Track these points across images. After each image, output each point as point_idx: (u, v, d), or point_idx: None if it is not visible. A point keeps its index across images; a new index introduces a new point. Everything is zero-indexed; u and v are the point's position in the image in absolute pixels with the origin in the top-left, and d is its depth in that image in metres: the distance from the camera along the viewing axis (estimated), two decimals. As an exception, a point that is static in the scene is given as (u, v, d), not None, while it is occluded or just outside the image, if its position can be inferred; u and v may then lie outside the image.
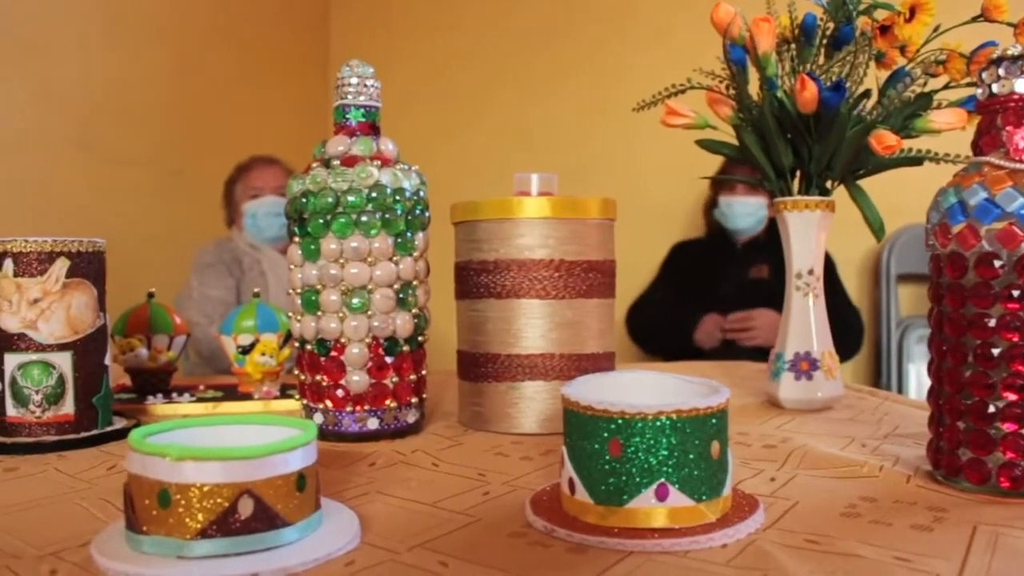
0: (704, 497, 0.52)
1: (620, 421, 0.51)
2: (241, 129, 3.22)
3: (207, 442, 0.52)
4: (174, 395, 0.99)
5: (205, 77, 3.14)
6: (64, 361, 0.80)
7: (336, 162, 0.78)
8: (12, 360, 0.79)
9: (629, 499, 0.51)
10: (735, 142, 0.98)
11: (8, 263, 0.79)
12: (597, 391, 0.57)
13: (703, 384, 0.59)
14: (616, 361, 0.89)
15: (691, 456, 0.51)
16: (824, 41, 0.93)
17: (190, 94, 3.08)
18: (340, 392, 0.77)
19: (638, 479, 0.51)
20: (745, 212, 2.47)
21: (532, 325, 0.81)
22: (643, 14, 3.09)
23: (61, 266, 0.79)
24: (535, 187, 0.87)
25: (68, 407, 0.80)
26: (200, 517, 0.46)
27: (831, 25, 0.92)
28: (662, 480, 0.51)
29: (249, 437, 0.54)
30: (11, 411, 0.80)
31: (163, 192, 2.95)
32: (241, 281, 2.37)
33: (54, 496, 0.64)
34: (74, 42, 2.69)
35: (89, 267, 0.82)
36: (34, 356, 0.79)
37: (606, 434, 0.51)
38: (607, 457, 0.51)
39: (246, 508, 0.47)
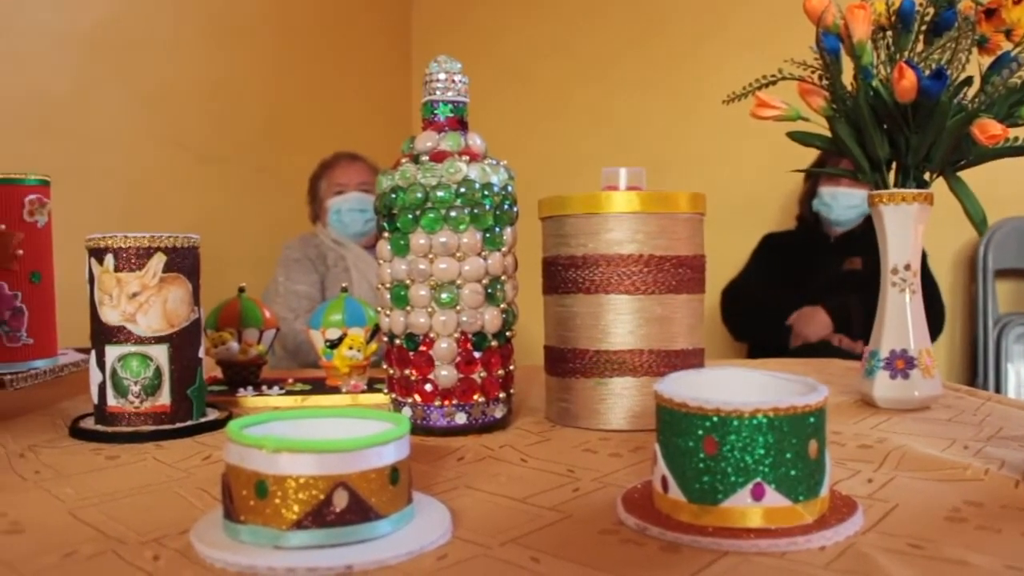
0: (801, 497, 0.50)
1: (715, 419, 0.50)
2: (325, 126, 3.28)
3: (302, 434, 0.53)
4: (264, 388, 1.01)
5: (291, 76, 3.20)
6: (161, 353, 0.82)
7: (425, 157, 0.78)
8: (112, 352, 0.82)
9: (724, 498, 0.50)
10: (828, 134, 0.95)
11: (109, 258, 0.81)
12: (691, 388, 0.56)
13: (799, 382, 0.57)
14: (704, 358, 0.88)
15: (788, 455, 0.50)
16: (923, 27, 0.89)
17: (277, 93, 3.14)
18: (428, 386, 0.78)
19: (733, 478, 0.50)
20: (849, 204, 2.41)
21: (621, 321, 0.81)
22: (730, 5, 3.04)
23: (158, 261, 0.81)
24: (623, 181, 0.86)
25: (164, 398, 0.82)
26: (296, 508, 0.47)
27: (931, 10, 0.89)
28: (758, 479, 0.50)
29: (343, 430, 0.54)
30: (111, 401, 0.82)
31: (250, 189, 3.02)
32: (326, 276, 2.41)
33: (154, 484, 0.65)
34: (169, 45, 2.77)
35: (184, 262, 0.84)
36: (133, 348, 0.81)
37: (701, 432, 0.50)
38: (701, 455, 0.50)
39: (341, 500, 0.47)
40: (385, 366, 0.83)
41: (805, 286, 2.43)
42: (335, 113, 3.36)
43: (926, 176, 0.92)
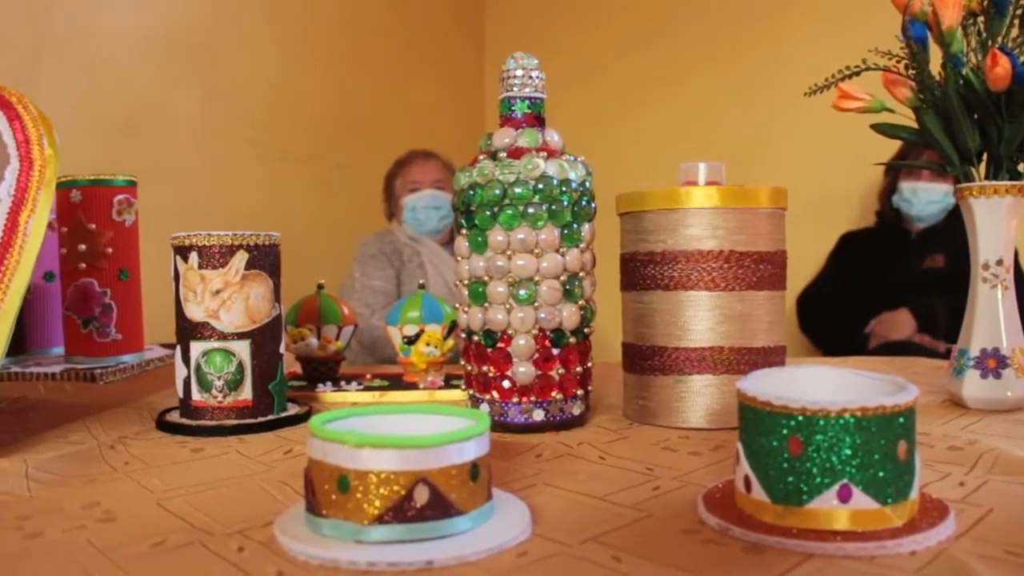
0: (890, 500, 0.49)
1: (801, 418, 0.49)
2: (400, 124, 3.31)
3: (383, 430, 0.53)
4: (342, 383, 1.02)
5: (366, 76, 3.23)
6: (243, 349, 0.84)
7: (503, 154, 0.78)
8: (197, 348, 0.83)
9: (809, 499, 0.49)
10: (914, 125, 0.92)
11: (193, 256, 0.83)
12: (775, 386, 0.55)
13: (886, 381, 0.56)
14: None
15: (876, 456, 0.48)
16: (1018, 11, 0.86)
17: (351, 92, 3.18)
18: (506, 383, 0.78)
19: (819, 479, 0.49)
20: (930, 199, 2.35)
21: (700, 317, 0.80)
22: (808, -4, 2.99)
23: (241, 258, 0.83)
24: (702, 176, 0.85)
25: (247, 393, 0.84)
26: (377, 503, 0.47)
27: (1026, -6, 0.85)
28: (845, 481, 0.48)
29: (423, 426, 0.55)
30: (196, 395, 0.84)
31: (327, 187, 3.07)
32: (401, 272, 2.44)
33: (237, 477, 0.67)
34: (247, 46, 2.82)
35: (266, 259, 0.85)
36: (216, 344, 0.83)
37: (785, 431, 0.49)
38: (786, 455, 0.49)
39: (422, 496, 0.48)
40: (463, 362, 0.83)
41: (885, 285, 2.37)
42: (410, 111, 3.39)
43: (1020, 167, 0.88)
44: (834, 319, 2.47)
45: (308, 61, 3.03)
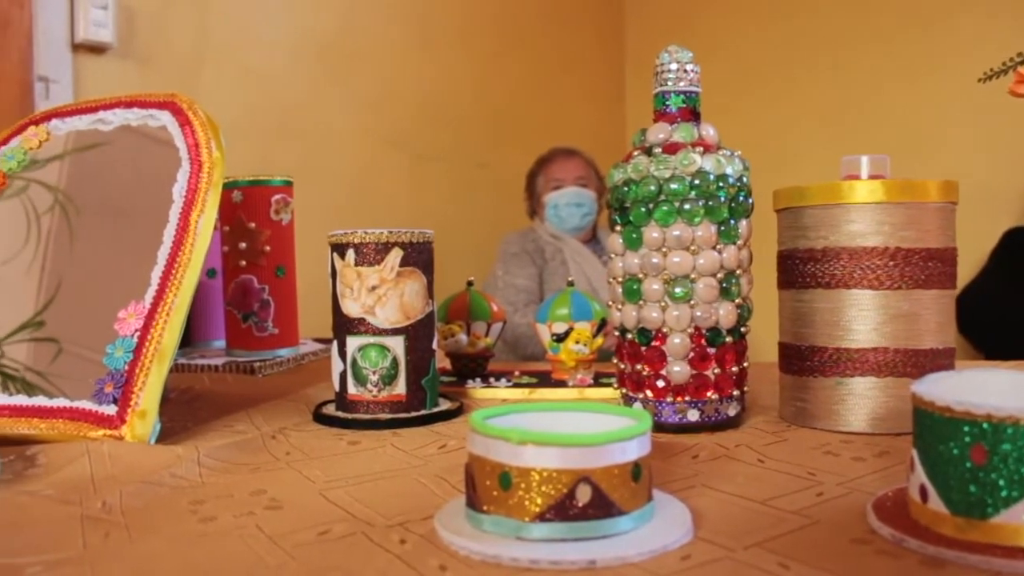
0: (1089, 516, 0.45)
1: (986, 425, 0.46)
2: (541, 123, 3.32)
3: (543, 428, 0.53)
4: (491, 380, 1.03)
5: (507, 75, 3.26)
6: (398, 344, 0.85)
7: (658, 150, 0.77)
8: (353, 343, 0.85)
9: (995, 513, 0.46)
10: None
11: (350, 253, 0.85)
12: (953, 390, 0.52)
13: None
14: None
15: (1072, 468, 0.45)
16: None
17: (492, 92, 3.21)
18: (661, 382, 0.77)
19: (1006, 492, 0.46)
20: None
21: (863, 317, 0.76)
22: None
23: (395, 256, 0.84)
24: (865, 170, 0.81)
25: (400, 388, 0.86)
26: (539, 501, 0.47)
27: None
28: (1037, 494, 0.45)
29: (584, 425, 0.54)
30: (351, 389, 0.86)
31: (470, 186, 3.11)
32: (544, 270, 2.44)
33: (394, 470, 0.68)
34: (390, 49, 2.89)
35: (419, 256, 0.86)
36: (372, 339, 0.85)
37: (968, 439, 0.46)
38: (968, 464, 0.46)
39: (584, 495, 0.47)
40: (616, 361, 0.83)
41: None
42: (551, 109, 3.40)
43: None
44: (999, 320, 2.34)
45: (450, 63, 3.08)
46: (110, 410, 0.76)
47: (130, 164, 0.89)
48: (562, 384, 0.99)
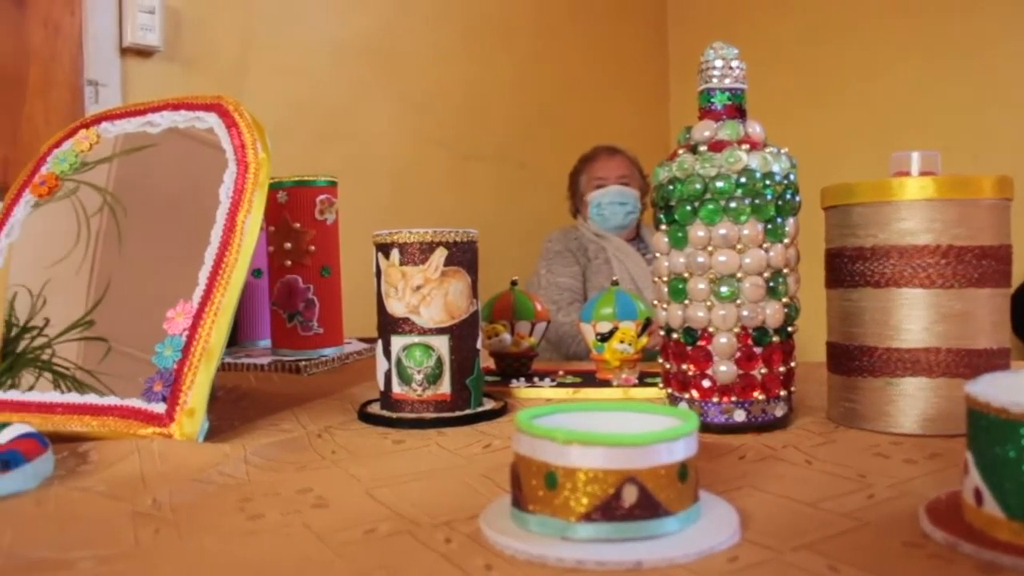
0: None
1: (1043, 427, 0.45)
2: (583, 121, 3.31)
3: (589, 427, 0.53)
4: (535, 379, 1.03)
5: (549, 74, 3.26)
6: (442, 344, 0.85)
7: (703, 147, 0.76)
8: (398, 342, 0.86)
9: (1054, 517, 0.45)
10: None
11: (395, 253, 0.85)
12: (1009, 392, 0.51)
13: None
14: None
15: None
16: None
17: (534, 91, 3.21)
18: (706, 382, 0.76)
19: (1064, 494, 0.45)
20: None
21: (914, 317, 0.75)
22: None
23: (440, 255, 0.85)
24: (916, 167, 0.80)
25: (445, 387, 0.86)
26: (585, 501, 0.47)
27: None
28: (1097, 498, 0.44)
29: (630, 425, 0.54)
30: (396, 388, 0.86)
31: (513, 185, 3.11)
32: (587, 269, 2.44)
33: (439, 469, 0.68)
34: (433, 51, 2.90)
35: (464, 256, 0.86)
36: (416, 339, 0.85)
37: (1025, 441, 0.45)
38: (1025, 467, 0.45)
39: (630, 495, 0.47)
40: (661, 360, 0.82)
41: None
42: (593, 108, 3.39)
43: None
44: None
45: (493, 62, 3.08)
46: (159, 408, 0.77)
47: (177, 165, 0.91)
48: (606, 384, 0.98)
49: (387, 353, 0.87)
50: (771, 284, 0.75)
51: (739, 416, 0.76)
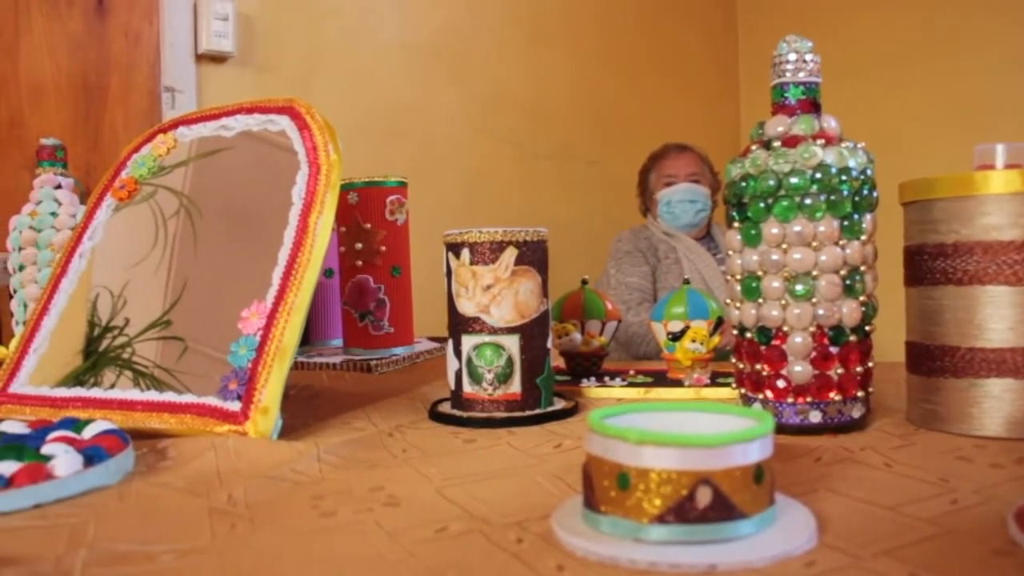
0: None
1: None
2: (652, 119, 3.29)
3: (663, 428, 0.52)
4: (606, 379, 1.02)
5: (614, 71, 3.24)
6: (512, 343, 0.85)
7: (777, 143, 0.75)
8: (468, 341, 0.86)
9: None
10: None
11: (465, 252, 0.85)
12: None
13: None
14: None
15: None
16: None
17: (601, 89, 3.19)
18: (781, 383, 0.74)
19: None
20: None
21: (999, 315, 0.72)
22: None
23: (510, 255, 0.85)
24: (1001, 159, 0.77)
25: (515, 386, 0.85)
26: (658, 502, 0.46)
27: None
28: None
29: (703, 425, 0.53)
30: (467, 388, 0.87)
31: (581, 183, 3.10)
32: (657, 268, 2.41)
33: (510, 469, 0.68)
34: (500, 49, 2.91)
35: (534, 255, 0.86)
36: (487, 338, 0.85)
37: (1121, 444, 0.43)
38: (1121, 472, 0.44)
39: (704, 497, 0.46)
40: (734, 360, 0.81)
41: None
42: (662, 105, 3.36)
43: None
44: None
45: (559, 61, 3.07)
46: (234, 406, 0.78)
47: (251, 168, 0.92)
48: (678, 384, 0.97)
49: (458, 352, 0.87)
50: (848, 282, 0.74)
51: (815, 417, 0.74)
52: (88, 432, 0.72)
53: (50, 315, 0.94)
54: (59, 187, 1.23)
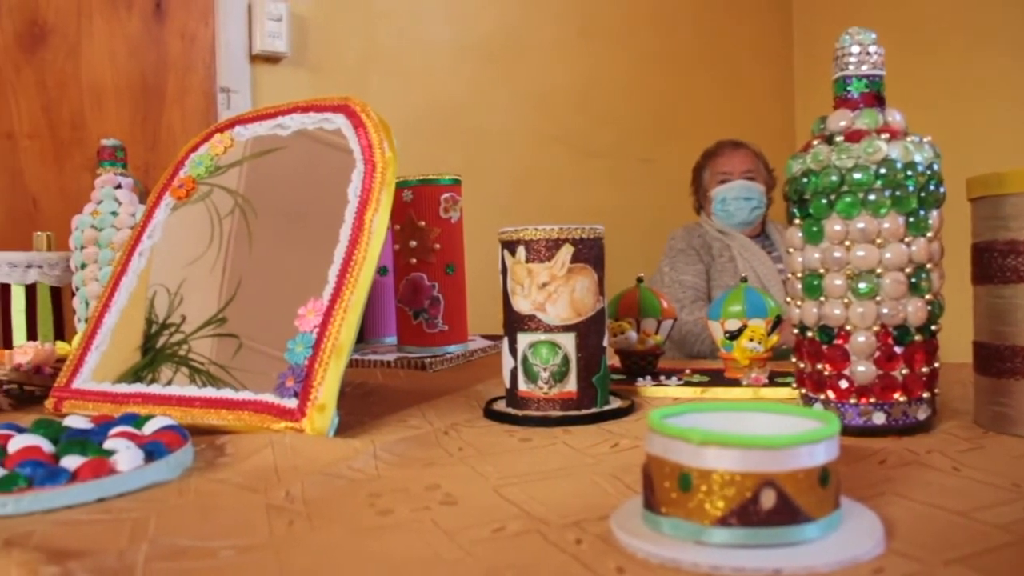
0: None
1: None
2: (705, 115, 3.25)
3: (725, 428, 0.51)
4: (662, 378, 1.01)
5: (667, 68, 3.21)
6: (568, 342, 0.84)
7: (839, 138, 0.73)
8: (524, 339, 0.85)
9: None
10: None
11: (520, 250, 0.85)
12: None
13: None
14: None
15: None
16: None
17: (655, 86, 3.17)
18: (843, 383, 0.73)
19: None
20: None
21: (1073, 315, 0.70)
22: None
23: (566, 252, 0.84)
24: (1074, 154, 0.74)
25: (571, 385, 0.85)
26: (720, 504, 0.45)
27: None
28: None
29: (766, 426, 0.52)
30: (522, 386, 0.86)
31: (635, 181, 3.08)
32: (711, 266, 2.39)
33: (567, 468, 0.67)
34: (552, 48, 2.91)
35: (590, 253, 0.85)
36: (543, 336, 0.85)
37: None
38: None
39: (768, 500, 0.45)
40: (794, 359, 0.79)
41: None
42: (715, 102, 3.33)
43: None
44: None
45: (611, 58, 3.06)
46: (291, 403, 0.78)
47: (306, 166, 0.93)
48: (735, 383, 0.96)
49: (513, 351, 0.86)
50: (913, 280, 0.72)
51: (878, 419, 0.72)
52: (148, 428, 0.73)
53: (111, 312, 0.96)
54: (119, 187, 1.25)
